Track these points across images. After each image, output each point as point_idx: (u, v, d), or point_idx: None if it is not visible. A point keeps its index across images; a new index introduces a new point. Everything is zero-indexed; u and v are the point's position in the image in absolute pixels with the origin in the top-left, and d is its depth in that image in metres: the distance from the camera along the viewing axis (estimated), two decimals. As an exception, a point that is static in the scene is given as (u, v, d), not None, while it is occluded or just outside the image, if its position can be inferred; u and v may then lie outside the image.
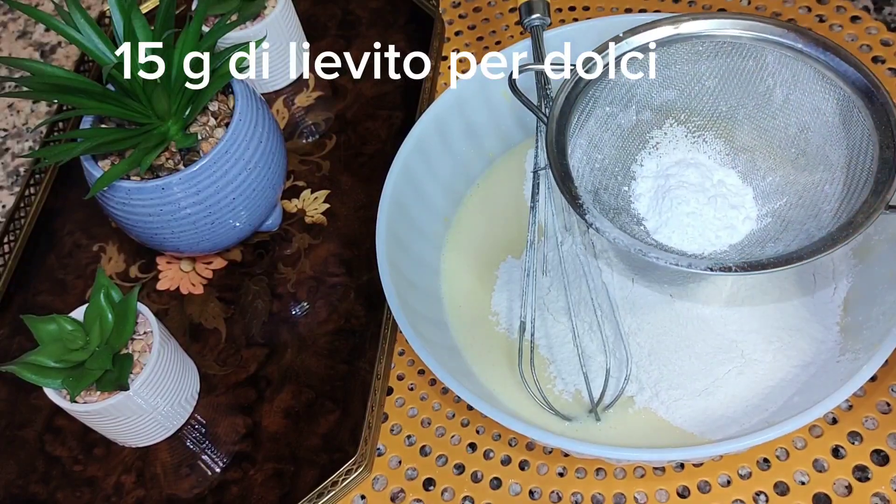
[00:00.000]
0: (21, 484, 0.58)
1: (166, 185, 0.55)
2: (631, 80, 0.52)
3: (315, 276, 0.64)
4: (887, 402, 0.52)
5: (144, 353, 0.54)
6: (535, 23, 0.58)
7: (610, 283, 0.54)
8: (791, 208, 0.50)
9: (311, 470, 0.55)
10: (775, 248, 0.48)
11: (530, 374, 0.51)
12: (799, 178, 0.51)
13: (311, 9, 0.79)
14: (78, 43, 0.55)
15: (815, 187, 0.49)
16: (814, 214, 0.48)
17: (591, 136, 0.52)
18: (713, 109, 0.53)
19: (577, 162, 0.50)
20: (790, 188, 0.51)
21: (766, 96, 0.52)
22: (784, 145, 0.52)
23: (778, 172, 0.51)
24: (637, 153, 0.53)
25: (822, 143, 0.50)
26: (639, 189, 0.52)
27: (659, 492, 0.52)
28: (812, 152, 0.50)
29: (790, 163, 0.51)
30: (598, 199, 0.51)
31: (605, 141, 0.53)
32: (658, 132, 0.54)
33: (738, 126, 0.53)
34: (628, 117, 0.53)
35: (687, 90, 0.53)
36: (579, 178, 0.50)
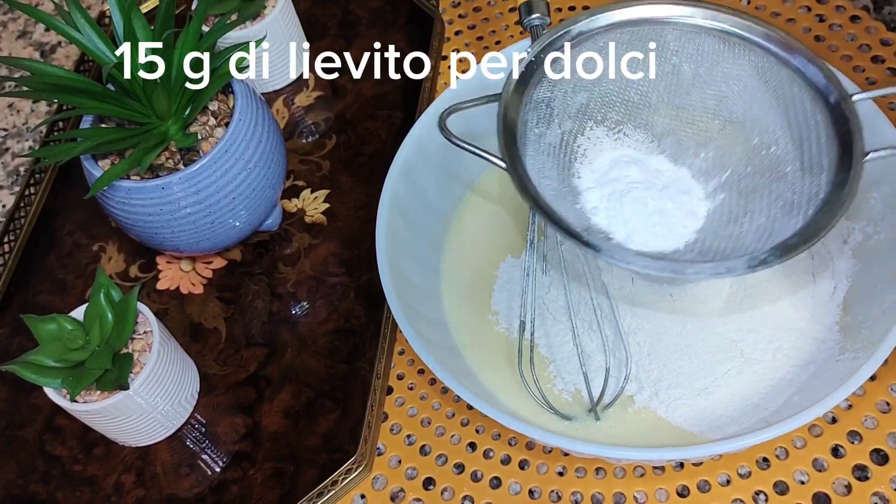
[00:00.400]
0: (21, 484, 0.58)
1: (166, 185, 0.55)
2: (545, 95, 0.51)
3: (315, 275, 0.64)
4: (887, 402, 0.52)
5: (144, 353, 0.54)
6: (535, 22, 0.58)
7: (610, 283, 0.54)
8: (743, 178, 0.49)
9: (310, 469, 0.56)
10: (758, 221, 0.47)
11: (530, 374, 0.51)
12: (735, 146, 0.50)
13: (311, 9, 0.79)
14: (78, 43, 0.55)
15: (760, 152, 0.49)
16: (778, 177, 0.48)
17: (536, 166, 0.50)
18: (625, 101, 0.52)
19: (544, 193, 0.48)
20: (729, 158, 0.50)
21: (675, 76, 0.51)
22: (706, 119, 0.51)
23: (709, 147, 0.51)
24: (571, 167, 0.52)
25: (748, 108, 0.49)
26: (589, 203, 0.51)
27: (658, 491, 0.52)
28: (739, 119, 0.50)
29: (718, 134, 0.50)
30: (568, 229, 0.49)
31: (546, 165, 0.51)
32: (582, 139, 0.53)
33: (655, 111, 0.52)
34: (553, 133, 0.52)
35: (595, 89, 0.52)
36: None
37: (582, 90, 0.52)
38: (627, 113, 0.53)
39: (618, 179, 0.51)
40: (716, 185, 0.50)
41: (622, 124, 0.53)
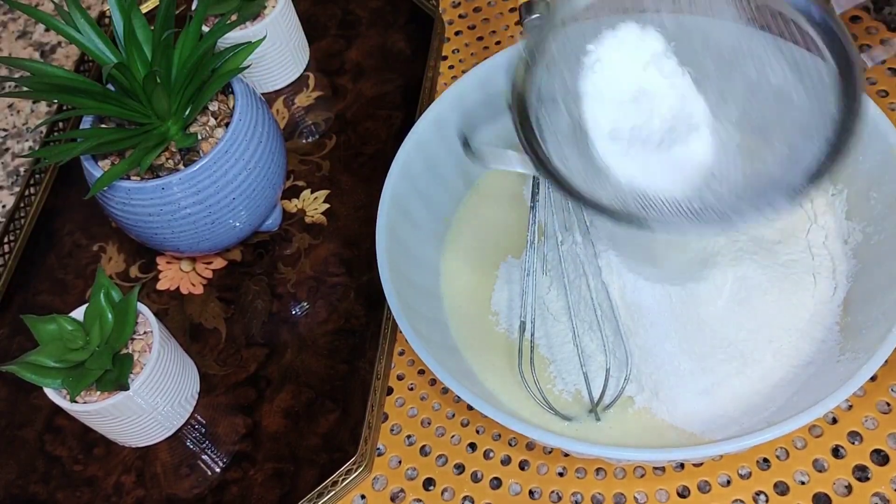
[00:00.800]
0: (21, 484, 0.58)
1: (166, 185, 0.55)
2: (549, 85, 0.50)
3: (315, 276, 0.64)
4: (887, 402, 0.52)
5: (144, 353, 0.54)
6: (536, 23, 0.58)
7: (610, 283, 0.54)
8: (752, 112, 0.48)
9: (311, 470, 0.55)
10: (780, 150, 0.46)
11: (530, 374, 0.51)
12: (735, 84, 0.49)
13: (311, 9, 0.79)
14: (78, 43, 0.55)
15: (761, 84, 0.48)
16: (785, 104, 0.47)
17: (560, 158, 0.49)
18: (613, 67, 0.50)
19: (579, 185, 0.48)
20: (733, 96, 0.49)
21: (660, 27, 0.50)
22: (697, 63, 0.50)
23: (709, 90, 0.50)
24: (588, 145, 0.50)
25: (737, 45, 0.49)
26: (617, 171, 0.49)
27: (659, 491, 0.52)
28: (731, 57, 0.49)
29: (714, 74, 0.50)
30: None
31: (568, 152, 0.50)
32: (586, 109, 0.50)
33: (644, 69, 0.50)
34: (563, 119, 0.50)
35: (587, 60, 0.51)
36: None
37: (576, 68, 0.51)
38: (617, 75, 0.51)
39: (636, 135, 0.50)
40: (727, 124, 0.49)
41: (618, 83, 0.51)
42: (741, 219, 0.44)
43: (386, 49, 0.76)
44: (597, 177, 0.48)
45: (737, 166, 0.48)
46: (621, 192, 0.48)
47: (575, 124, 0.50)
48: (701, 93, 0.50)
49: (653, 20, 0.50)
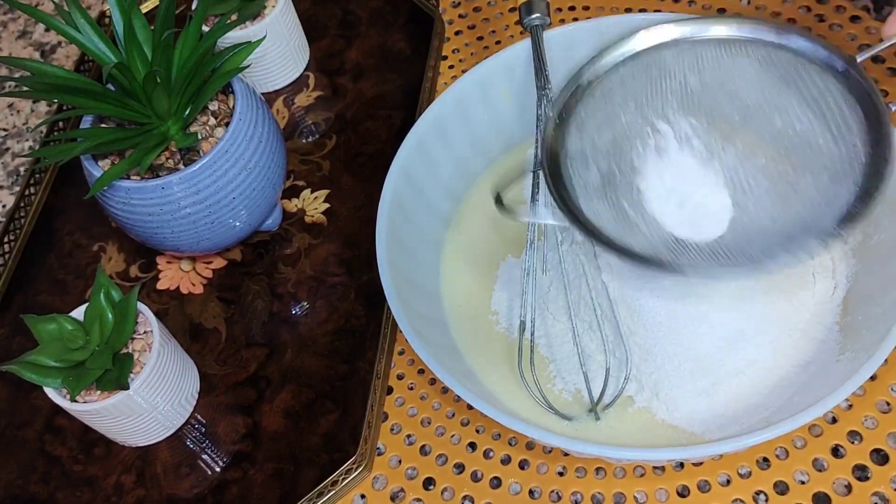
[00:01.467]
0: (21, 484, 0.58)
1: (166, 185, 0.55)
2: (577, 146, 0.52)
3: (315, 275, 0.64)
4: (887, 402, 0.52)
5: (144, 353, 0.54)
6: (535, 22, 0.58)
7: (610, 283, 0.54)
8: (780, 161, 0.50)
9: (311, 469, 0.55)
10: (810, 196, 0.47)
11: (530, 374, 0.51)
12: (761, 135, 0.51)
13: (311, 8, 0.79)
14: (78, 43, 0.55)
15: (787, 132, 0.50)
16: (812, 150, 0.48)
17: (594, 213, 0.51)
18: (644, 126, 0.53)
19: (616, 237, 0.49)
20: (760, 147, 0.50)
21: (684, 90, 0.52)
22: (724, 118, 0.52)
23: (736, 142, 0.51)
24: (618, 200, 0.52)
25: (761, 97, 0.51)
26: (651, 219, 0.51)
27: (659, 491, 0.52)
28: (756, 110, 0.51)
29: (741, 128, 0.51)
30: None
31: (600, 208, 0.51)
32: (618, 171, 0.53)
33: (674, 126, 0.53)
34: (594, 175, 0.52)
35: (616, 123, 0.53)
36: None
37: (606, 129, 0.53)
38: (648, 137, 0.53)
39: (664, 192, 0.51)
40: (756, 171, 0.50)
41: (648, 148, 0.53)
42: (773, 262, 0.45)
43: (386, 49, 0.76)
44: (628, 227, 0.49)
45: (765, 212, 0.49)
46: (652, 239, 0.49)
47: (604, 179, 0.52)
48: (728, 145, 0.51)
49: (680, 81, 0.52)
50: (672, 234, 0.49)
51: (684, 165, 0.51)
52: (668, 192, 0.50)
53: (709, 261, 0.47)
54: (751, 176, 0.50)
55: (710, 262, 0.47)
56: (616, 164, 0.52)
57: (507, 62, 0.61)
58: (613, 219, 0.50)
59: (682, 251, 0.48)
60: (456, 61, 0.74)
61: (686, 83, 0.52)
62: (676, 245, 0.49)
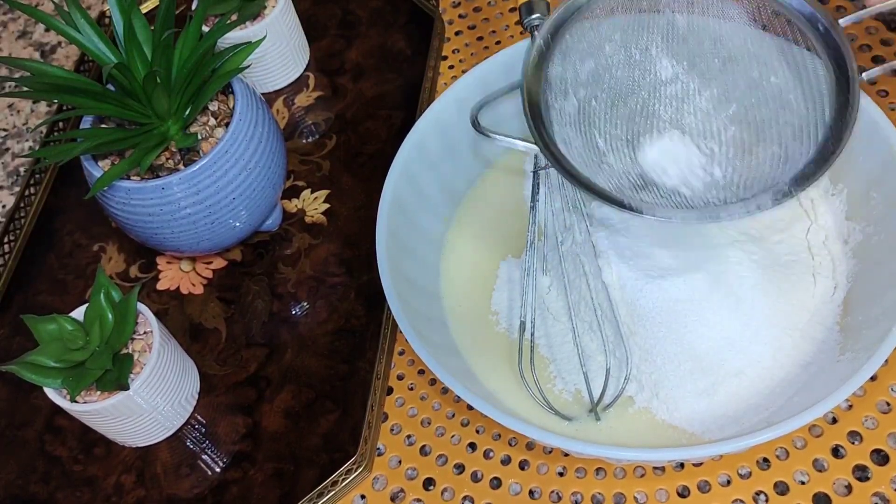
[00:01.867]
0: (21, 484, 0.58)
1: (166, 185, 0.55)
2: (558, 71, 0.53)
3: (315, 276, 0.64)
4: (887, 402, 0.52)
5: (144, 353, 0.54)
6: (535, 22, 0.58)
7: (610, 283, 0.54)
8: (750, 109, 0.50)
9: (311, 470, 0.55)
10: (772, 149, 0.48)
11: (530, 374, 0.51)
12: (737, 81, 0.51)
13: (311, 8, 0.79)
14: (78, 43, 0.55)
15: (761, 83, 0.50)
16: (782, 105, 0.49)
17: (563, 139, 0.51)
18: (628, 58, 0.53)
19: (578, 166, 0.50)
20: (733, 93, 0.51)
21: (671, 27, 0.53)
22: (706, 60, 0.52)
23: (713, 85, 0.52)
24: (590, 131, 0.52)
25: (743, 46, 0.51)
26: (617, 159, 0.51)
27: (659, 491, 0.52)
28: (737, 56, 0.51)
29: (719, 72, 0.51)
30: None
31: (570, 135, 0.52)
32: (595, 103, 0.53)
33: (656, 62, 0.53)
34: (571, 104, 0.53)
35: (599, 54, 0.53)
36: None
37: (588, 58, 0.53)
38: (631, 69, 0.53)
39: (639, 126, 0.52)
40: (725, 118, 0.50)
41: (630, 81, 0.53)
42: (727, 213, 0.46)
43: (386, 49, 0.76)
44: (596, 159, 0.50)
45: (730, 159, 0.49)
46: (618, 177, 0.50)
47: (580, 107, 0.52)
48: (704, 88, 0.51)
49: (668, 18, 0.52)
50: (638, 172, 0.50)
51: (660, 104, 0.52)
52: (641, 130, 0.51)
53: (668, 203, 0.48)
54: (720, 123, 0.51)
55: (669, 205, 0.48)
56: (593, 93, 0.52)
57: (507, 62, 0.61)
58: (583, 148, 0.51)
59: (644, 190, 0.49)
60: (456, 61, 0.74)
61: (673, 22, 0.53)
62: (640, 183, 0.49)
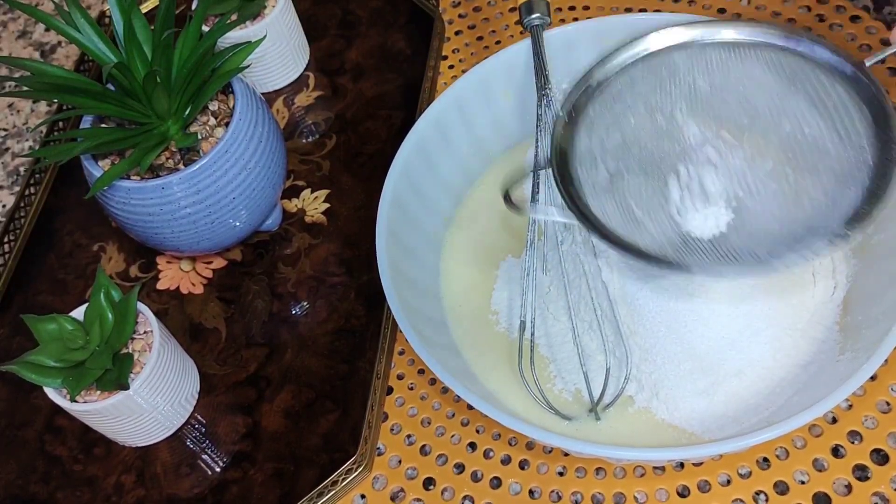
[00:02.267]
0: (21, 484, 0.58)
1: (166, 185, 0.55)
2: (586, 145, 0.53)
3: (315, 275, 0.64)
4: (887, 402, 0.52)
5: (144, 353, 0.54)
6: (535, 22, 0.58)
7: (610, 283, 0.54)
8: (787, 164, 0.49)
9: (311, 469, 0.55)
10: (818, 199, 0.47)
11: (530, 374, 0.51)
12: (769, 138, 0.50)
13: (311, 8, 0.79)
14: (78, 42, 0.55)
15: (795, 136, 0.49)
16: (821, 154, 0.48)
17: (601, 210, 0.51)
18: (654, 127, 0.53)
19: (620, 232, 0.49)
20: (768, 150, 0.50)
21: (693, 93, 0.52)
22: (733, 121, 0.51)
23: (745, 145, 0.51)
24: (627, 199, 0.52)
25: (770, 101, 0.51)
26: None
27: (659, 491, 0.52)
28: (765, 113, 0.51)
29: (749, 131, 0.51)
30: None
31: (606, 205, 0.51)
32: (628, 174, 0.52)
33: (683, 130, 0.52)
34: (602, 175, 0.52)
35: (626, 125, 0.53)
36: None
37: (615, 130, 0.53)
38: (660, 138, 0.53)
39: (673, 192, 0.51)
40: (764, 175, 0.50)
41: (656, 152, 0.53)
42: (779, 261, 0.46)
43: (386, 49, 0.76)
44: (635, 225, 0.49)
45: (772, 214, 0.49)
46: (659, 238, 0.49)
47: (612, 178, 0.52)
48: (736, 148, 0.51)
49: (689, 83, 0.52)
50: (679, 233, 0.49)
51: (692, 168, 0.51)
52: (677, 193, 0.50)
53: (714, 260, 0.47)
54: (758, 179, 0.50)
55: (716, 261, 0.47)
56: (624, 164, 0.52)
57: (507, 62, 0.61)
58: (621, 217, 0.50)
59: (688, 250, 0.48)
60: (456, 61, 0.74)
61: (695, 86, 0.52)
62: (683, 243, 0.49)
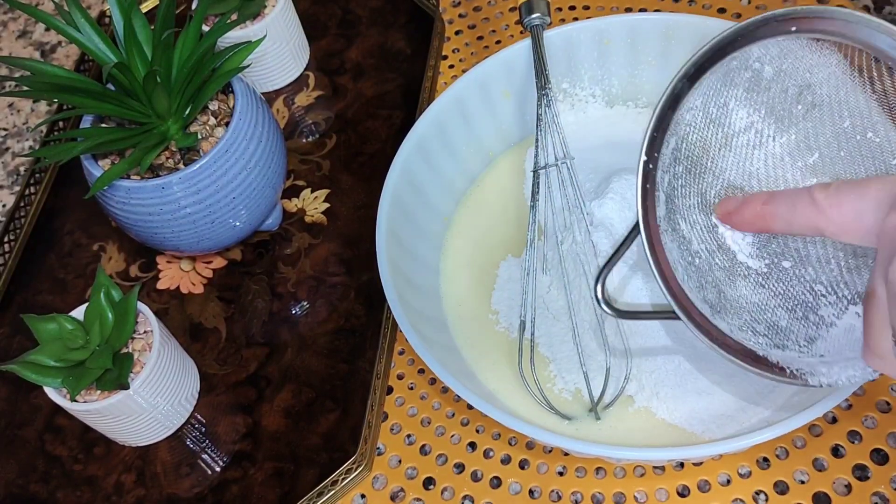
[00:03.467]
0: (21, 483, 0.58)
1: (166, 185, 0.55)
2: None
3: (315, 275, 0.64)
4: (887, 402, 0.52)
5: (144, 353, 0.54)
6: (535, 22, 0.58)
7: (610, 283, 0.54)
8: (836, 162, 0.45)
9: (311, 469, 0.56)
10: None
11: (530, 373, 0.51)
12: (822, 129, 0.45)
13: (311, 8, 0.79)
14: (78, 42, 0.55)
15: (854, 136, 0.44)
16: (882, 168, 0.43)
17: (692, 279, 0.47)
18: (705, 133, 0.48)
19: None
20: (815, 141, 0.45)
21: (756, 79, 0.47)
22: (788, 107, 0.46)
23: (791, 131, 0.46)
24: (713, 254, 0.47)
25: (834, 92, 0.45)
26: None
27: (659, 491, 0.52)
28: (825, 102, 0.45)
29: (803, 119, 0.46)
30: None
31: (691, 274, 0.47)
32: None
33: (733, 114, 0.48)
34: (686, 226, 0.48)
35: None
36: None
37: (672, 135, 0.48)
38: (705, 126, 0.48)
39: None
40: (802, 168, 0.45)
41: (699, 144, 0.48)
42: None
43: (386, 48, 0.76)
44: (727, 309, 0.46)
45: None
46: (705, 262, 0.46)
47: (713, 256, 0.47)
48: (782, 136, 0.47)
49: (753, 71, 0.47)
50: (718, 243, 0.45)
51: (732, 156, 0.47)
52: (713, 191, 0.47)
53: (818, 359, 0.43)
54: (800, 168, 0.45)
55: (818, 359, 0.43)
56: (673, 172, 0.47)
57: (507, 62, 0.61)
58: (716, 301, 0.46)
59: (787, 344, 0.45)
60: (456, 61, 0.74)
61: (760, 72, 0.46)
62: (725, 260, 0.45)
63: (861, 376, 0.42)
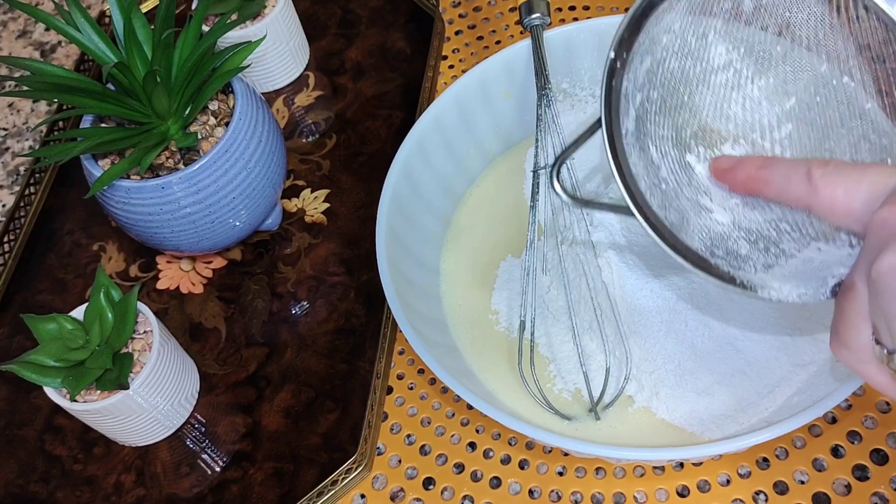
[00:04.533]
0: (21, 483, 0.58)
1: (166, 185, 0.55)
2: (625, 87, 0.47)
3: (315, 275, 0.64)
4: (887, 402, 0.52)
5: (144, 353, 0.54)
6: (535, 22, 0.58)
7: (610, 283, 0.54)
8: (812, 108, 0.44)
9: (310, 469, 0.56)
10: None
11: (530, 373, 0.51)
12: (799, 73, 0.44)
13: (311, 8, 0.79)
14: (78, 42, 0.55)
15: (831, 81, 0.43)
16: (855, 114, 0.43)
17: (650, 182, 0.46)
18: (685, 50, 0.47)
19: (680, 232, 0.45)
20: (793, 86, 0.44)
21: (735, 9, 0.46)
22: (766, 46, 0.45)
23: (769, 73, 0.45)
24: (682, 158, 0.46)
25: (814, 35, 0.44)
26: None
27: (658, 491, 0.52)
28: (804, 45, 0.44)
29: (781, 60, 0.45)
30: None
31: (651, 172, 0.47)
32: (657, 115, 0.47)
33: (711, 48, 0.46)
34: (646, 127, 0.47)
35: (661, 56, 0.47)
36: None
37: (647, 55, 0.47)
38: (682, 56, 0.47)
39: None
40: (779, 113, 0.45)
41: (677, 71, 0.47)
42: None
43: (386, 48, 0.76)
44: (688, 231, 0.45)
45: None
46: (711, 236, 0.45)
47: (637, 120, 0.47)
48: (760, 79, 0.46)
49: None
50: (690, 176, 0.45)
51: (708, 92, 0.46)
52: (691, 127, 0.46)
53: (777, 286, 0.43)
54: (776, 113, 0.45)
55: (777, 286, 0.43)
56: (646, 94, 0.46)
57: (507, 62, 0.61)
58: (646, 174, 0.46)
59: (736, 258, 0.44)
60: (456, 61, 0.74)
61: (740, 3, 0.45)
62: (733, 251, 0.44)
63: (812, 295, 0.41)
